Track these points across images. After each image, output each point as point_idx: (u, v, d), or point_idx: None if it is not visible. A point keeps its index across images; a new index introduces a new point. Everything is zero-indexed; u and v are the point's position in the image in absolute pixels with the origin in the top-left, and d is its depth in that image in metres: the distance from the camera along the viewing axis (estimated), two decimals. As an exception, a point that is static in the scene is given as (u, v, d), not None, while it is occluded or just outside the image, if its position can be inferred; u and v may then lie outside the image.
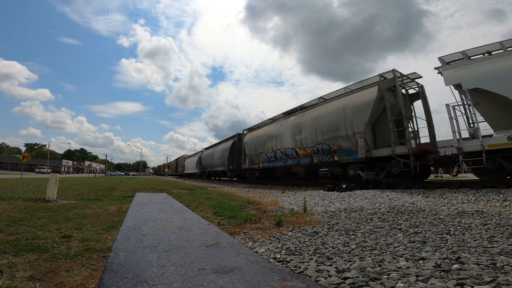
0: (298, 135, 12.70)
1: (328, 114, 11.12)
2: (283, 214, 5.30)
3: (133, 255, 2.57)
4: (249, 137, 18.26)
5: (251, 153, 17.41)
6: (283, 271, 2.26)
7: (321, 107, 12.04)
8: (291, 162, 13.48)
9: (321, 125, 11.38)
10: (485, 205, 5.17)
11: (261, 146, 16.12)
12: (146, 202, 7.00)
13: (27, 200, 6.52)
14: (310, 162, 12.21)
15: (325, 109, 11.56)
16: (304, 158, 12.53)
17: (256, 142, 16.89)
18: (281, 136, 14.12)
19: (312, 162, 12.13)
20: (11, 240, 2.88)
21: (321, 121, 11.43)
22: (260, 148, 16.17)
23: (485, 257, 2.32)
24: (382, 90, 9.21)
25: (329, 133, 10.92)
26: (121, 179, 29.42)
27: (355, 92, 10.56)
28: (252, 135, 17.89)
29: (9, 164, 71.17)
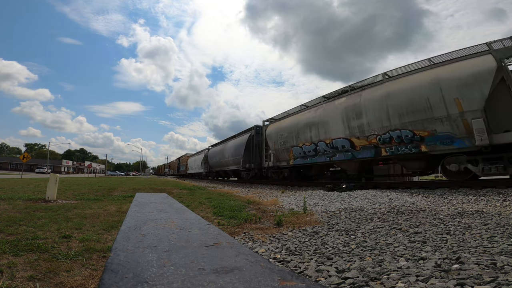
0: (356, 120, 9.77)
1: (408, 91, 8.34)
2: (283, 214, 5.30)
3: (133, 255, 2.57)
4: (273, 129, 14.92)
5: (278, 147, 14.14)
6: (283, 271, 2.26)
7: (391, 83, 9.10)
8: (341, 157, 10.57)
9: (396, 105, 8.54)
10: (485, 205, 5.17)
11: (293, 138, 13.01)
12: (146, 202, 7.00)
13: (27, 200, 6.52)
14: (375, 155, 9.33)
15: (399, 85, 8.72)
16: (364, 151, 9.65)
17: (286, 133, 13.60)
18: (326, 124, 11.11)
19: (377, 155, 9.25)
20: (11, 240, 2.88)
21: (396, 100, 8.58)
22: (292, 141, 13.04)
23: (485, 257, 2.32)
24: (499, 59, 7.27)
25: (413, 115, 8.12)
26: (121, 179, 29.42)
27: (453, 63, 8.17)
28: (279, 126, 14.52)
29: (9, 164, 71.17)
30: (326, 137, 11.15)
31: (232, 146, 20.66)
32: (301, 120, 12.76)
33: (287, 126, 13.79)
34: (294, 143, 13.03)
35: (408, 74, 8.94)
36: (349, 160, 10.32)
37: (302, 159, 12.74)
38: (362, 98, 9.81)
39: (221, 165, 23.40)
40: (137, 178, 39.19)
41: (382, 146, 9.08)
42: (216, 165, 25.01)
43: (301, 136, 12.57)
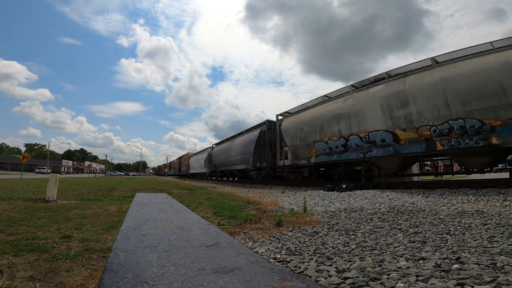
0: (400, 109, 8.36)
1: (472, 74, 7.09)
2: (283, 214, 5.30)
3: (133, 255, 2.57)
4: (291, 123, 13.32)
5: (297, 143, 12.55)
6: (283, 271, 2.26)
7: (446, 67, 7.78)
8: (379, 153, 9.08)
9: (458, 90, 7.25)
10: (485, 205, 5.17)
11: (315, 133, 11.53)
12: (146, 202, 7.00)
13: (27, 200, 6.52)
14: (427, 149, 8.00)
15: (458, 69, 7.46)
16: (412, 145, 8.23)
17: (307, 127, 12.03)
18: (360, 115, 9.59)
19: (430, 149, 7.93)
20: (11, 240, 2.88)
21: (456, 85, 7.32)
22: (315, 136, 11.56)
23: (485, 257, 2.32)
24: None
25: (481, 101, 6.87)
26: (121, 179, 29.42)
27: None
28: (297, 119, 12.86)
29: (9, 164, 71.18)
30: (360, 130, 9.58)
31: (240, 144, 18.89)
32: (326, 112, 11.13)
33: (308, 119, 12.09)
34: (317, 138, 11.47)
35: (466, 58, 7.67)
36: (390, 156, 8.77)
37: (327, 156, 11.12)
38: (408, 85, 8.34)
39: (227, 164, 21.73)
40: (137, 178, 39.20)
41: (437, 138, 7.66)
42: (221, 165, 23.28)
43: (326, 129, 10.97)
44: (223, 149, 22.98)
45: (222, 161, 22.63)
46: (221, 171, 24.32)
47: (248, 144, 17.22)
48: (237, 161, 19.22)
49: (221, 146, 24.26)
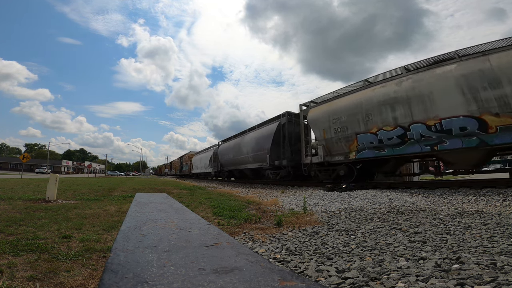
0: (490, 89, 6.88)
1: None
2: (283, 214, 5.30)
3: (133, 255, 2.57)
4: (321, 112, 11.40)
5: (330, 136, 10.73)
6: (283, 271, 2.26)
7: None
8: (457, 144, 7.36)
9: None
10: (485, 205, 5.17)
11: (358, 123, 9.69)
12: (146, 202, 7.00)
13: (27, 200, 6.52)
14: None
15: None
16: (507, 133, 6.65)
17: (345, 116, 10.17)
18: (427, 98, 7.93)
19: None
20: (11, 240, 2.88)
21: None
22: (357, 126, 9.72)
23: (485, 257, 2.32)
24: None
25: None
26: (121, 179, 29.42)
27: None
28: (330, 108, 10.97)
29: (9, 164, 71.18)
30: (426, 117, 7.88)
31: (252, 140, 16.68)
32: (372, 97, 9.32)
33: (347, 107, 10.21)
34: (360, 129, 9.61)
35: None
36: (472, 148, 7.11)
37: (376, 151, 9.18)
38: (495, 62, 7.02)
39: (236, 163, 19.58)
40: (137, 178, 39.21)
41: None
42: (229, 164, 21.13)
43: (375, 118, 9.12)
44: (231, 146, 20.68)
45: (230, 159, 20.51)
46: (228, 170, 22.12)
47: (264, 139, 15.12)
48: (249, 159, 17.10)
49: (229, 143, 21.81)
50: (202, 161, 30.20)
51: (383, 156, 9.11)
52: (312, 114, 11.94)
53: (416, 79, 8.40)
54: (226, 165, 22.19)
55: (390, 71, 9.68)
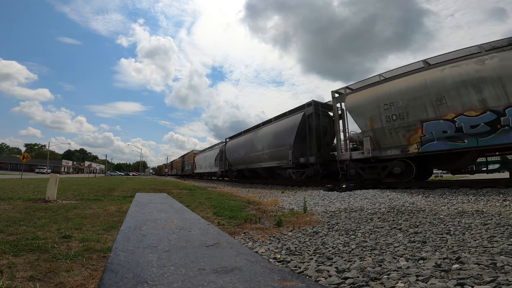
0: None
1: None
2: (283, 214, 5.30)
3: (133, 255, 2.57)
4: (366, 97, 9.70)
5: (382, 125, 8.95)
6: (283, 271, 2.26)
7: None
8: None
9: None
10: (485, 205, 5.17)
11: (424, 108, 8.11)
12: (146, 202, 7.00)
13: (27, 200, 6.52)
14: None
15: None
16: None
17: (404, 101, 8.52)
18: None
19: None
20: (11, 240, 2.88)
21: None
22: (422, 111, 8.12)
23: (485, 257, 2.32)
24: None
25: None
26: (121, 179, 29.42)
27: None
28: (378, 92, 9.32)
29: (9, 164, 71.17)
30: None
31: (269, 134, 14.66)
32: (444, 78, 7.83)
33: (405, 89, 8.59)
34: (428, 115, 8.02)
35: None
36: None
37: (448, 142, 7.62)
38: None
39: (248, 161, 17.33)
40: (137, 178, 39.20)
41: None
42: (238, 162, 18.99)
43: (452, 101, 7.58)
44: (241, 143, 18.48)
45: (240, 158, 18.32)
46: (238, 170, 19.85)
47: (285, 133, 13.10)
48: (264, 156, 15.01)
49: (239, 139, 19.49)
50: (207, 160, 27.87)
51: (461, 148, 7.42)
52: (352, 100, 10.10)
53: (503, 57, 7.17)
54: (235, 164, 19.92)
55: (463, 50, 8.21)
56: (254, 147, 16.38)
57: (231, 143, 20.97)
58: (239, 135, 20.63)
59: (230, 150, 20.56)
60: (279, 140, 13.82)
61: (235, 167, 20.10)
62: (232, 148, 20.30)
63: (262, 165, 15.84)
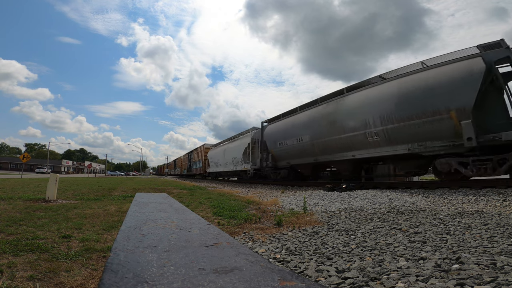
0: None
1: None
2: (283, 214, 5.30)
3: (133, 255, 2.57)
4: None
5: None
6: (283, 271, 2.26)
7: None
8: None
9: None
10: (485, 205, 5.17)
11: None
12: (146, 202, 7.00)
13: (27, 200, 6.52)
14: None
15: None
16: None
17: None
18: None
19: None
20: (11, 240, 2.88)
21: None
22: None
23: (485, 257, 2.32)
24: None
25: None
26: (121, 179, 29.43)
27: None
28: None
29: (9, 164, 71.20)
30: None
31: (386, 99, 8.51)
32: None
33: None
34: None
35: None
36: None
37: None
38: None
39: (320, 150, 11.34)
40: (137, 178, 39.20)
41: None
42: (295, 154, 12.98)
43: None
44: (301, 122, 12.52)
45: (301, 146, 12.31)
46: (291, 166, 13.76)
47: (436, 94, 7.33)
48: (373, 138, 8.95)
49: (293, 118, 13.46)
50: (228, 154, 20.70)
51: None
52: None
53: None
54: (285, 157, 13.83)
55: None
56: (339, 125, 10.30)
57: (275, 127, 14.76)
58: (290, 114, 14.18)
59: (275, 137, 14.36)
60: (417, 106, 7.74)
61: (286, 161, 13.79)
62: (278, 135, 14.10)
63: (361, 155, 9.59)
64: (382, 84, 9.31)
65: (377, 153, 9.15)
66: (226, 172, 22.22)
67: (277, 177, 15.31)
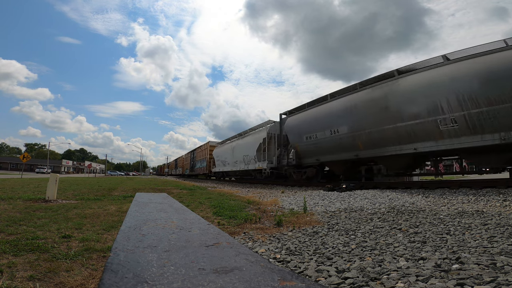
0: None
1: None
2: (283, 214, 5.30)
3: (133, 255, 2.57)
4: None
5: None
6: (283, 271, 2.26)
7: None
8: None
9: None
10: (485, 205, 5.17)
11: None
12: (146, 202, 7.00)
13: (27, 200, 6.52)
14: None
15: None
16: None
17: None
18: None
19: None
20: (11, 240, 2.88)
21: None
22: None
23: (485, 257, 2.32)
24: None
25: None
26: (121, 179, 29.43)
27: None
28: None
29: (9, 164, 71.21)
30: None
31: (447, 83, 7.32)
32: None
33: None
34: None
35: None
36: None
37: None
38: None
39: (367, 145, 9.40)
40: (137, 178, 39.20)
41: None
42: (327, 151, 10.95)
43: None
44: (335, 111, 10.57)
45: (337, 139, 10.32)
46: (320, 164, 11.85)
47: None
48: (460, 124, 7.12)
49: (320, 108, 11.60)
50: (238, 152, 18.32)
51: None
52: None
53: None
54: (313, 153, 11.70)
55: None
56: (394, 112, 8.46)
57: (299, 119, 12.57)
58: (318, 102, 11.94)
59: (300, 130, 12.21)
60: None
61: (315, 158, 11.64)
62: (304, 127, 11.95)
63: (428, 148, 7.82)
64: (454, 63, 7.45)
65: (453, 145, 7.24)
66: (235, 172, 19.88)
67: (301, 176, 12.88)
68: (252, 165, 16.26)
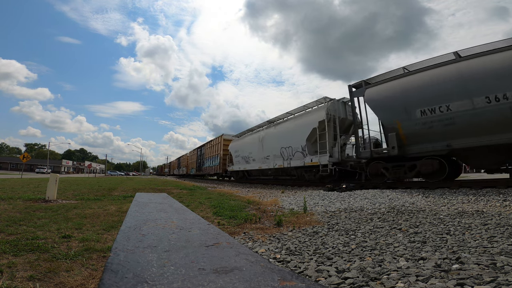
0: None
1: None
2: (283, 214, 5.30)
3: (133, 255, 2.57)
4: None
5: None
6: (283, 271, 2.26)
7: None
8: None
9: None
10: (485, 205, 5.16)
11: None
12: (146, 202, 7.00)
13: (27, 200, 6.52)
14: None
15: None
16: None
17: None
18: None
19: None
20: (11, 240, 2.88)
21: None
22: None
23: (485, 257, 2.32)
24: None
25: None
26: (121, 179, 29.43)
27: None
28: None
29: (9, 164, 71.22)
30: None
31: None
32: None
33: None
34: None
35: None
36: None
37: None
38: None
39: None
40: (137, 178, 39.19)
41: None
42: (465, 131, 6.87)
43: None
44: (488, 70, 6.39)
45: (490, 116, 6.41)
46: (451, 151, 7.28)
47: None
48: None
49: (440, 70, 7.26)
50: (271, 143, 13.93)
51: None
52: None
53: None
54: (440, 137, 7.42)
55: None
56: None
57: (399, 86, 8.21)
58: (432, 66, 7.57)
59: (403, 101, 7.99)
60: None
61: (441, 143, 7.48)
62: (412, 96, 7.79)
63: None
64: None
65: None
66: (266, 171, 14.76)
67: (403, 173, 8.39)
68: (299, 160, 11.76)
